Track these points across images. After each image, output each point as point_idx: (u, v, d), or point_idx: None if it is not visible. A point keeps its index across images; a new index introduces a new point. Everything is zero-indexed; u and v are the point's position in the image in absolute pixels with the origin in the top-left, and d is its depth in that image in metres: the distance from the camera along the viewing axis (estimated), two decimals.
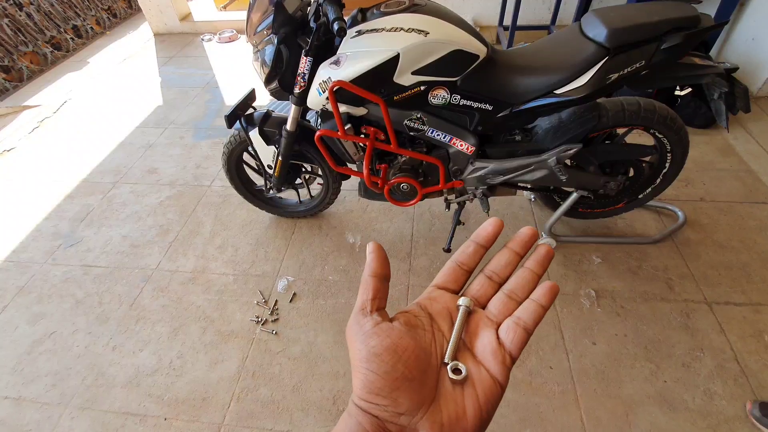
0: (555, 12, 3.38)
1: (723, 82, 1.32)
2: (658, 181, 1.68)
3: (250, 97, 1.68)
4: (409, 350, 0.30)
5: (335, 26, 1.07)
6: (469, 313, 0.34)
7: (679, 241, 1.85)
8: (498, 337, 0.32)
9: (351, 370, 0.31)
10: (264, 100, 2.72)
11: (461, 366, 0.30)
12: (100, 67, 3.84)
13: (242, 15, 4.28)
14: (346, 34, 1.09)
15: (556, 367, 1.46)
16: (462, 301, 0.34)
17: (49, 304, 1.81)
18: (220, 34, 4.08)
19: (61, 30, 4.03)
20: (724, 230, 1.88)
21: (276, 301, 1.74)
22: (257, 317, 1.68)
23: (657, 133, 1.52)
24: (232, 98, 3.18)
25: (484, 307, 0.35)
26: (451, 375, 0.30)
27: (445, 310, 0.34)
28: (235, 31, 4.11)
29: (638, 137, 1.62)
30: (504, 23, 3.47)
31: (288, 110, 1.55)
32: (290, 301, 1.73)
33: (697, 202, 2.02)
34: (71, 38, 4.13)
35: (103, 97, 3.37)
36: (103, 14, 4.52)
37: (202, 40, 4.13)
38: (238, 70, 3.56)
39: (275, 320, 1.67)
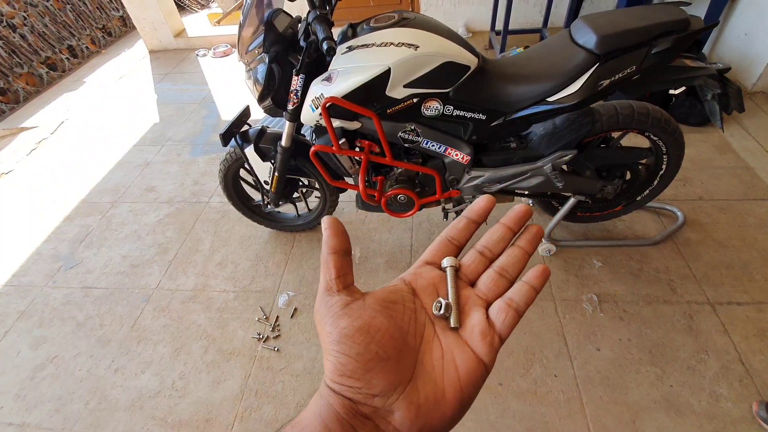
0: (546, 15, 3.39)
1: (715, 83, 1.32)
2: (656, 182, 1.68)
3: (245, 113, 1.69)
4: (382, 330, 0.29)
5: (324, 46, 1.07)
6: (456, 272, 0.34)
7: (679, 241, 1.85)
8: (488, 317, 0.31)
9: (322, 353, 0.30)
10: (259, 115, 2.73)
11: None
12: (96, 86, 3.86)
13: (236, 30, 4.31)
14: (335, 53, 1.09)
15: (561, 375, 1.45)
16: (446, 261, 0.34)
17: (50, 328, 1.81)
18: (214, 49, 4.10)
19: (56, 50, 4.06)
20: (724, 229, 1.88)
21: (277, 317, 1.73)
22: (259, 334, 1.67)
23: (652, 136, 1.52)
24: (228, 113, 3.19)
25: (473, 285, 0.34)
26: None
27: (431, 286, 0.33)
28: (229, 46, 4.13)
29: (634, 138, 1.62)
30: (496, 28, 3.49)
31: (282, 125, 1.55)
32: (291, 317, 1.73)
33: (695, 201, 2.02)
34: (66, 58, 4.16)
35: (100, 116, 3.38)
36: (97, 33, 4.56)
37: (197, 55, 4.15)
38: (234, 85, 3.58)
39: (277, 336, 1.66)
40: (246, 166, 1.75)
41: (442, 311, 0.31)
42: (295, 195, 1.94)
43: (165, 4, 4.15)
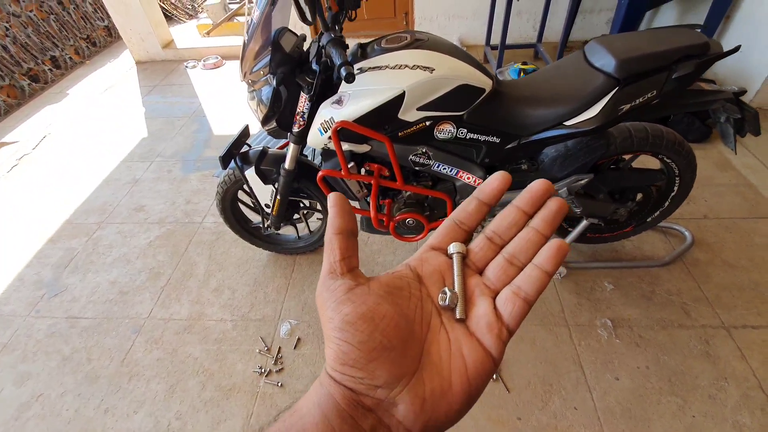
0: (540, 30, 3.39)
1: (734, 107, 1.30)
2: (667, 204, 1.65)
3: (244, 134, 1.61)
4: (387, 317, 0.27)
5: (343, 72, 1.01)
6: (463, 258, 0.31)
7: (688, 262, 1.82)
8: (495, 308, 0.29)
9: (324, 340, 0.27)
10: (256, 129, 2.64)
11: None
12: (80, 98, 3.72)
13: (226, 41, 4.24)
14: (354, 80, 1.03)
15: (581, 408, 1.40)
16: (452, 247, 0.31)
17: (34, 363, 1.68)
18: (204, 61, 4.01)
19: (39, 61, 3.91)
20: (731, 248, 1.86)
21: (279, 348, 1.64)
22: (260, 368, 1.57)
23: (665, 158, 1.50)
24: (219, 127, 3.10)
25: (481, 273, 0.31)
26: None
27: (437, 273, 0.31)
28: (219, 57, 4.04)
29: (643, 159, 1.60)
30: (491, 42, 3.48)
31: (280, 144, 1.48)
32: (294, 348, 1.64)
33: (701, 220, 2.00)
34: (49, 69, 4.01)
35: (85, 130, 3.25)
36: (82, 43, 4.42)
37: (186, 67, 4.05)
38: (225, 97, 3.49)
39: (279, 370, 1.57)
40: (245, 187, 1.67)
41: (447, 302, 0.29)
42: (296, 216, 1.87)
43: (152, 15, 4.05)
